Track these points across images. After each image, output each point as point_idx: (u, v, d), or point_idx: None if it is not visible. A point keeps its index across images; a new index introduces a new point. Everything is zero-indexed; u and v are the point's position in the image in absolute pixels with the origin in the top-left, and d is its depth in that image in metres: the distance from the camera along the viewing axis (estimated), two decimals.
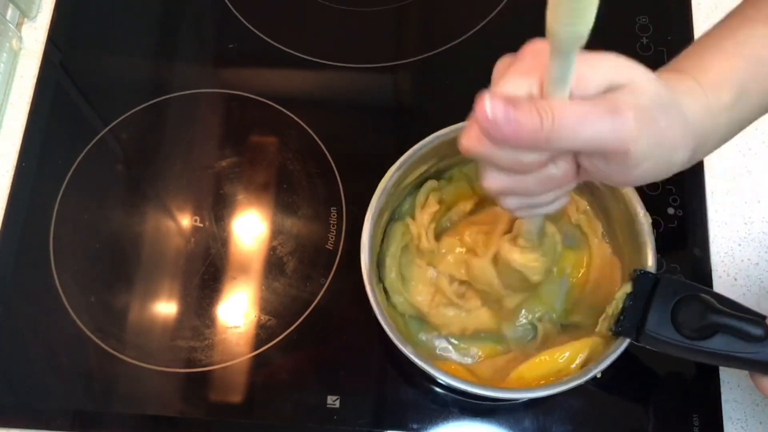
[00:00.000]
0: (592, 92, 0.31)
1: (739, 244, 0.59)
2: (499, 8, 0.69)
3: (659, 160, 0.33)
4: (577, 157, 0.34)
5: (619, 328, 0.46)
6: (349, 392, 0.56)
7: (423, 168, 0.53)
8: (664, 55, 0.63)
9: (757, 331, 0.41)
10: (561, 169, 0.33)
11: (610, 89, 0.31)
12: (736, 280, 0.58)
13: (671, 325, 0.43)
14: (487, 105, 0.29)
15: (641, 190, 0.60)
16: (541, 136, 0.30)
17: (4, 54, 0.68)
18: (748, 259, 0.59)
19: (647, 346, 0.45)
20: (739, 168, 0.62)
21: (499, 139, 0.30)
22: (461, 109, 0.52)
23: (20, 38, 0.70)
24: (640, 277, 0.46)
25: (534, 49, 0.33)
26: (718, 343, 0.42)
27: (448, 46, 0.67)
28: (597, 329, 0.48)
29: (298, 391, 0.56)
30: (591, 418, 0.55)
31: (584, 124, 0.30)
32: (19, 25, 0.71)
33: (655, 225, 0.59)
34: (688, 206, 0.60)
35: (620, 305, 0.46)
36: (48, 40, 0.70)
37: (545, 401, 0.55)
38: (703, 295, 0.43)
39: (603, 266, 0.53)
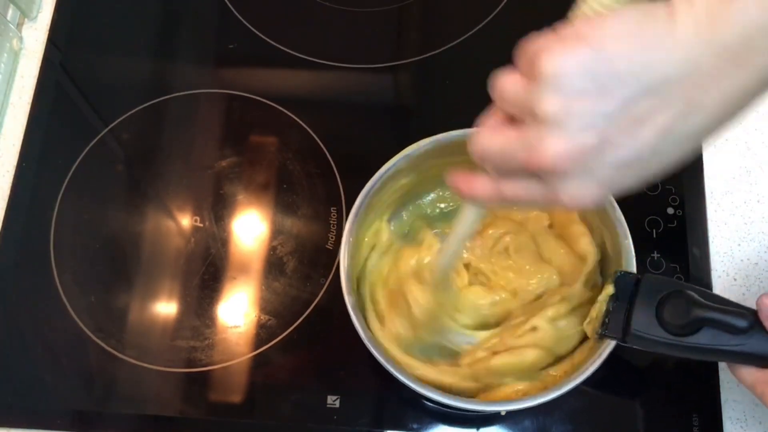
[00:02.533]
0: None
1: (739, 244, 0.59)
2: (499, 8, 0.69)
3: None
4: None
5: (604, 331, 0.46)
6: (349, 392, 0.56)
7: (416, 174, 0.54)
8: None
9: (742, 323, 0.41)
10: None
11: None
12: (735, 280, 0.58)
13: (657, 323, 0.44)
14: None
15: (640, 190, 0.60)
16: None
17: (5, 54, 0.68)
18: (748, 259, 0.59)
19: (634, 346, 0.45)
20: (738, 168, 0.62)
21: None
22: (461, 109, 0.52)
23: (20, 38, 0.70)
24: (621, 278, 0.46)
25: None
26: (704, 337, 0.42)
27: (448, 46, 0.67)
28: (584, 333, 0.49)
29: (298, 391, 0.56)
30: (591, 418, 0.55)
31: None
32: (19, 25, 0.71)
33: (654, 225, 0.59)
34: (687, 206, 0.60)
35: (604, 308, 0.46)
36: (48, 40, 0.70)
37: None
38: (686, 290, 0.43)
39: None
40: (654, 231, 0.59)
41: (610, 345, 0.46)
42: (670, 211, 0.60)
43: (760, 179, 0.61)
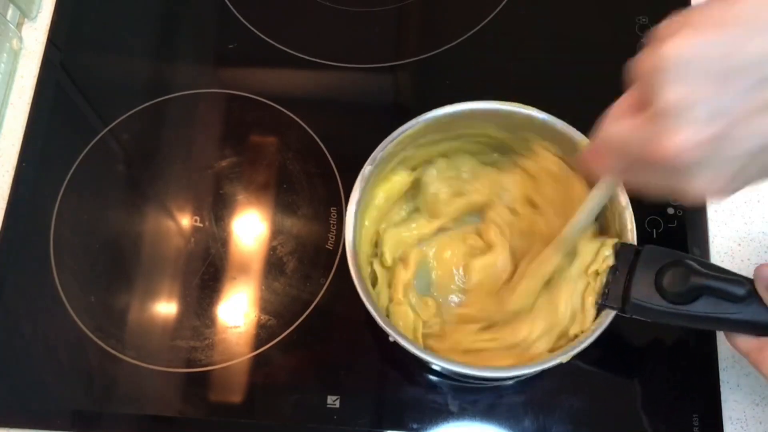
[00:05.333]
0: None
1: (739, 244, 0.59)
2: (499, 8, 0.69)
3: None
4: None
5: (604, 301, 0.46)
6: (349, 392, 0.56)
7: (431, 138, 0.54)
8: None
9: (739, 291, 0.42)
10: None
11: None
12: None
13: (656, 291, 0.44)
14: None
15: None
16: None
17: (5, 54, 0.68)
18: (748, 259, 0.59)
19: (634, 316, 0.45)
20: None
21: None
22: None
23: (20, 38, 0.70)
24: (621, 249, 0.47)
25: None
26: (702, 306, 0.43)
27: (448, 46, 0.67)
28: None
29: (298, 391, 0.56)
30: (591, 417, 0.55)
31: None
32: (19, 25, 0.71)
33: (654, 225, 0.59)
34: (687, 206, 0.60)
35: (604, 279, 0.47)
36: (48, 40, 0.70)
37: (544, 398, 0.55)
38: (685, 260, 0.44)
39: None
40: (654, 231, 0.59)
41: (608, 317, 0.46)
42: (670, 211, 0.60)
43: None
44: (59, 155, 0.65)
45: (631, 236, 0.48)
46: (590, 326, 0.47)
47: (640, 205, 0.59)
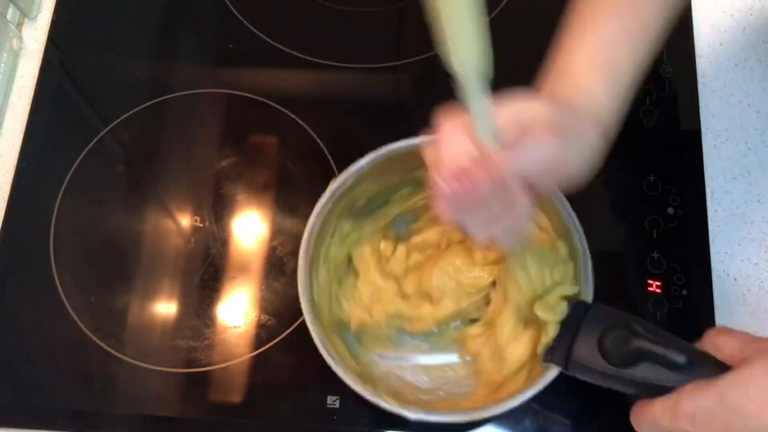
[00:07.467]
0: (510, 135, 0.37)
1: (739, 244, 0.59)
2: (498, 9, 0.69)
3: (585, 153, 0.40)
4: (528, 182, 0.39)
5: (549, 357, 0.46)
6: (349, 392, 0.55)
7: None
8: (664, 56, 0.63)
9: (679, 359, 0.41)
10: (524, 198, 0.39)
11: (521, 127, 0.37)
12: (736, 280, 0.58)
13: (598, 352, 0.43)
14: (442, 184, 0.37)
15: (640, 190, 0.60)
16: (496, 184, 0.37)
17: (5, 54, 0.68)
18: (748, 259, 0.59)
19: (576, 375, 0.45)
20: (738, 168, 0.62)
21: (468, 203, 0.38)
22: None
23: (20, 38, 0.70)
24: (573, 305, 0.46)
25: (447, 127, 0.39)
26: (642, 371, 0.42)
27: None
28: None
29: (298, 391, 0.56)
30: (591, 418, 0.55)
31: (522, 160, 0.37)
32: (19, 25, 0.71)
33: (654, 225, 0.59)
34: (688, 206, 0.60)
35: (551, 333, 0.46)
36: (48, 40, 0.70)
37: (544, 398, 0.55)
38: (630, 322, 0.43)
39: None
40: (654, 231, 0.59)
41: (551, 374, 0.46)
42: (670, 211, 0.60)
43: (760, 179, 0.61)
44: (59, 155, 0.65)
45: (588, 294, 0.47)
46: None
47: (640, 204, 0.60)
